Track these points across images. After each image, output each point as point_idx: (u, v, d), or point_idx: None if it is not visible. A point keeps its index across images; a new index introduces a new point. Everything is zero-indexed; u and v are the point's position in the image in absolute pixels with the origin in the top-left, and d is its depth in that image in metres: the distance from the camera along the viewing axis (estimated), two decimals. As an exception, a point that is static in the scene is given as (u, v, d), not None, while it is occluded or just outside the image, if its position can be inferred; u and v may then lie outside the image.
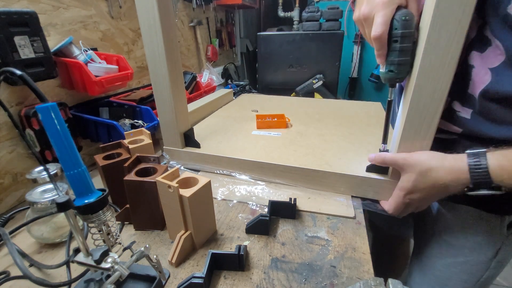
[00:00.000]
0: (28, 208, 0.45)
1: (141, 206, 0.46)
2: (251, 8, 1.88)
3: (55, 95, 0.69)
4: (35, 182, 0.47)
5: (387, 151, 0.50)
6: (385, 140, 0.49)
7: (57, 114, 0.28)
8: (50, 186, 0.46)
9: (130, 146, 0.52)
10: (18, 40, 0.55)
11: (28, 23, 0.56)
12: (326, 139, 0.69)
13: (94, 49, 0.77)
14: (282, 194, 0.55)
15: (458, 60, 0.37)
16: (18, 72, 0.29)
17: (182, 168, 0.65)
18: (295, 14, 2.15)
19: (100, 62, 0.73)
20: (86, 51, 0.72)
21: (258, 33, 1.42)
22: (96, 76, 0.68)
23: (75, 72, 0.67)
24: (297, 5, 2.14)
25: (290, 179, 0.57)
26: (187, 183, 0.42)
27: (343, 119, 0.83)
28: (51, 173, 0.44)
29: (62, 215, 0.42)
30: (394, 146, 0.48)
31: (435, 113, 0.41)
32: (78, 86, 0.69)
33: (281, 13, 2.21)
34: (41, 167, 0.48)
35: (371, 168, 0.52)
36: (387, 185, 0.50)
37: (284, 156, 0.60)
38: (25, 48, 0.56)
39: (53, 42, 0.67)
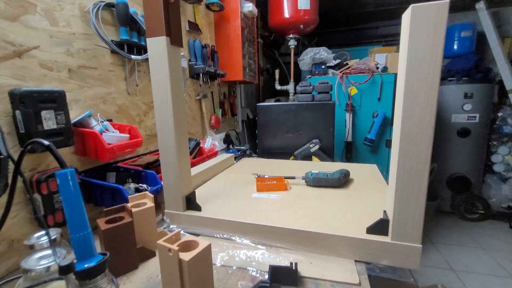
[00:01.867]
0: (20, 277, 0.43)
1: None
2: (251, 83, 2.12)
3: (67, 162, 0.73)
4: (31, 249, 0.46)
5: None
6: None
7: (74, 179, 0.31)
8: (47, 252, 0.45)
9: (133, 210, 0.53)
10: (45, 114, 0.62)
11: (56, 100, 0.65)
12: (325, 201, 0.70)
13: (110, 120, 0.85)
14: (283, 259, 0.53)
15: (434, 125, 0.42)
16: (46, 142, 0.33)
17: (182, 232, 0.64)
18: (290, 87, 2.41)
19: (113, 132, 0.80)
20: (102, 121, 0.80)
21: (257, 104, 1.56)
22: (109, 144, 0.73)
23: (90, 140, 0.73)
24: (291, 79, 2.41)
25: (290, 242, 0.56)
26: (187, 246, 0.42)
27: (341, 181, 0.85)
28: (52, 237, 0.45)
29: (54, 284, 0.40)
30: (391, 205, 0.49)
31: (423, 173, 0.44)
32: (90, 153, 0.74)
33: (278, 87, 2.48)
34: (40, 233, 0.49)
35: (371, 230, 0.52)
36: (388, 247, 0.49)
37: (284, 218, 0.60)
38: (49, 121, 0.63)
39: (74, 115, 0.75)
